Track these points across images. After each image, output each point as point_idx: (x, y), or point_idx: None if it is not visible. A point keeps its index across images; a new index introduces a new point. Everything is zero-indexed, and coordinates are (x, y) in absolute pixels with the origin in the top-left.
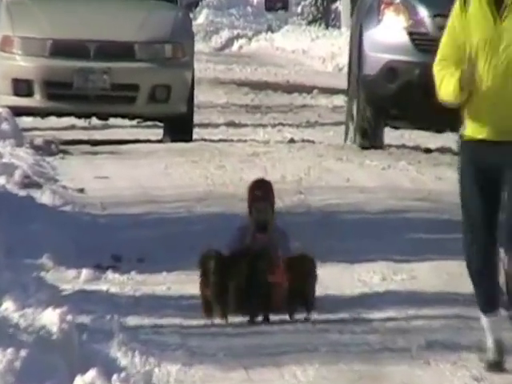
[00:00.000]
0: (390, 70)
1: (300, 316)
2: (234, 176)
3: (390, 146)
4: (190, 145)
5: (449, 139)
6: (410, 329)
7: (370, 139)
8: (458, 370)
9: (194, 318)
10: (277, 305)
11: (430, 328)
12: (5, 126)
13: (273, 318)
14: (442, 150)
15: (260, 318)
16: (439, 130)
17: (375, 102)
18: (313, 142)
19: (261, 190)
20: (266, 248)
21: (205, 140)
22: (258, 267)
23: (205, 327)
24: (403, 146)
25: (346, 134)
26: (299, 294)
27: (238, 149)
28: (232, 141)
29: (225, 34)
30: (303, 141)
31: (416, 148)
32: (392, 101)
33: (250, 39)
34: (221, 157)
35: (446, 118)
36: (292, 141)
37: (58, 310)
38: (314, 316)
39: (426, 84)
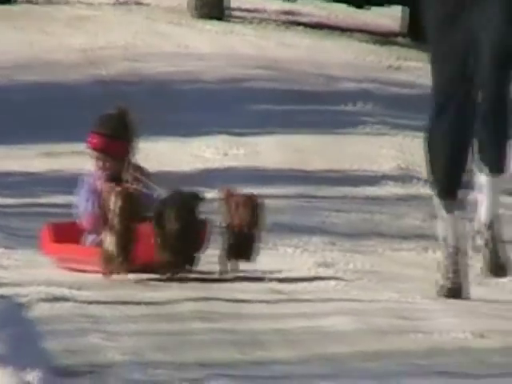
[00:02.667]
0: None
1: None
2: (58, 41)
3: (231, 8)
4: (12, 8)
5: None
6: None
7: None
8: (301, 254)
9: None
10: None
11: (273, 208)
12: None
13: None
14: (290, 13)
15: None
16: None
17: None
18: (141, 3)
19: None
20: None
21: (29, 2)
22: None
23: None
24: (246, 10)
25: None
26: None
27: (62, 12)
28: (58, 3)
29: None
30: (131, 2)
31: (257, 9)
32: None
33: None
34: (44, 21)
35: None
36: (119, 2)
37: None
38: None
39: None
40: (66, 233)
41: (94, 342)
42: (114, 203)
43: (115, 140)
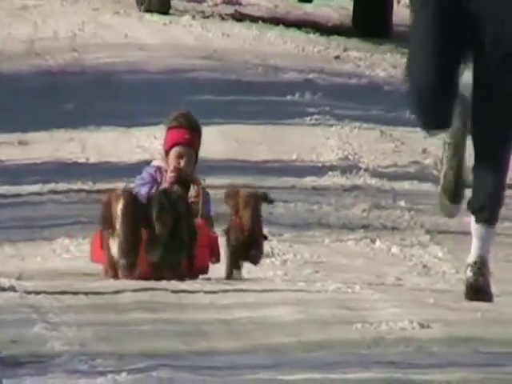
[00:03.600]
0: None
1: None
2: (2, 32)
3: None
4: None
5: None
6: None
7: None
8: None
9: None
10: None
11: (218, 199)
12: None
13: None
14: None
15: None
16: None
17: None
18: None
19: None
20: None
21: None
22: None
23: None
24: (192, 0)
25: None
26: None
27: (5, 2)
28: None
29: None
30: None
31: (200, 0)
32: None
33: None
34: None
35: None
36: None
37: None
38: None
39: None
40: None
41: (38, 333)
42: (116, 206)
43: (198, 133)
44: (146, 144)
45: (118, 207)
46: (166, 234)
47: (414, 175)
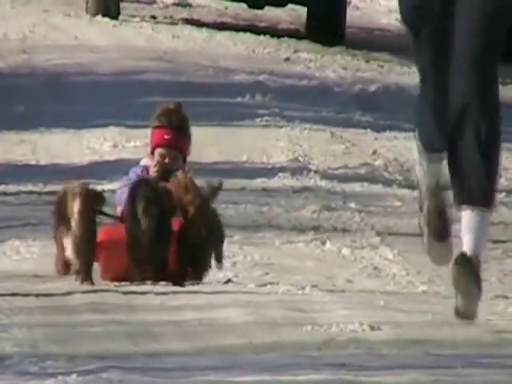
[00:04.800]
0: None
1: None
2: None
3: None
4: None
5: None
6: None
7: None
8: None
9: None
10: None
11: None
12: None
13: None
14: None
15: None
16: None
17: None
18: None
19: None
20: None
21: None
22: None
23: None
24: (143, 2)
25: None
26: None
27: None
28: None
29: None
30: None
31: (151, 2)
32: None
33: None
34: None
35: None
36: None
37: None
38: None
39: None
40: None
41: None
42: (72, 203)
43: (183, 134)
44: (96, 146)
45: (75, 205)
46: (153, 229)
47: (364, 177)
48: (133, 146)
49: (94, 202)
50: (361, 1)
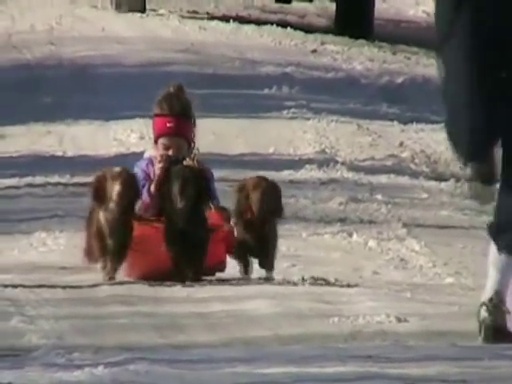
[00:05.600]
0: None
1: None
2: None
3: None
4: None
5: None
6: None
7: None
8: None
9: None
10: None
11: None
12: None
13: None
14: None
15: None
16: None
17: None
18: None
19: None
20: None
21: None
22: None
23: None
24: None
25: None
26: None
27: None
28: None
29: None
30: None
31: None
32: None
33: None
34: None
35: None
36: None
37: None
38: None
39: None
40: None
41: (15, 326)
42: (111, 185)
43: (186, 119)
44: (122, 137)
45: (115, 188)
46: (188, 209)
47: (390, 169)
48: None
49: (133, 187)
50: None
